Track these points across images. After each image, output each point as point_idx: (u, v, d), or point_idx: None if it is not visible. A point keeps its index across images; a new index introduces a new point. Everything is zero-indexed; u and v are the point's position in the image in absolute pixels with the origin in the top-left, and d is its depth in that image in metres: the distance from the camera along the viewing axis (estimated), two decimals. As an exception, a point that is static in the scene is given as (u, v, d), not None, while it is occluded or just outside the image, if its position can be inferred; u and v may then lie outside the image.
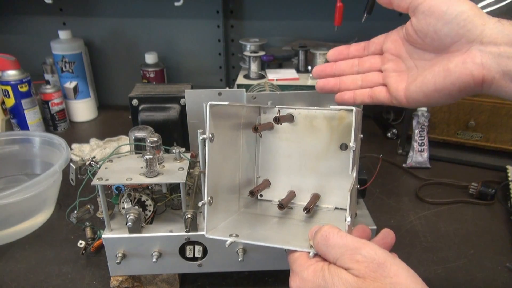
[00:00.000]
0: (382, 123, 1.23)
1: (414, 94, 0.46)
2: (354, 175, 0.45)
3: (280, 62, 1.21)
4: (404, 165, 1.02)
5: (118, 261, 0.60)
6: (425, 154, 1.01)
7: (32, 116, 1.15)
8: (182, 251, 0.61)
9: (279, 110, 0.56)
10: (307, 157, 0.57)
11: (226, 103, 0.46)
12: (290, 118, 0.56)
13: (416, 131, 1.02)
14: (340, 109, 0.52)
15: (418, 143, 1.02)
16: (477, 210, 0.86)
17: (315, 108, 0.55)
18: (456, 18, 0.41)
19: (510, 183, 0.89)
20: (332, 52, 0.54)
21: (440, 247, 0.75)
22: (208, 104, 0.45)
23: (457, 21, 0.41)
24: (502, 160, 1.01)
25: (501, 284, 0.67)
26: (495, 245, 0.76)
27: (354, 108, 0.44)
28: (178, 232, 0.60)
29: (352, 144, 0.43)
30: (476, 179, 0.91)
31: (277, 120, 0.54)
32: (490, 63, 0.40)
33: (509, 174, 0.92)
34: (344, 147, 0.55)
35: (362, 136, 0.53)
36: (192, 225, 0.58)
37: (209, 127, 0.46)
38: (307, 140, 0.57)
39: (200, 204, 0.46)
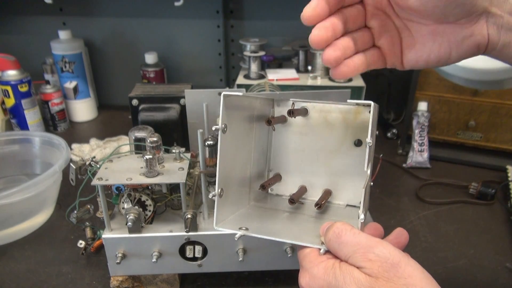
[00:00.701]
0: (382, 123, 1.23)
1: (413, 62, 0.43)
2: (369, 172, 0.44)
3: (280, 62, 1.21)
4: (404, 165, 1.02)
5: (118, 261, 0.60)
6: (425, 154, 1.01)
7: (32, 116, 1.15)
8: (182, 251, 0.61)
9: (293, 103, 0.55)
10: (320, 152, 0.56)
11: (240, 93, 0.45)
12: (304, 112, 0.55)
13: (416, 131, 1.02)
14: (357, 103, 0.49)
15: (418, 143, 1.02)
16: (477, 210, 0.86)
17: (330, 102, 0.54)
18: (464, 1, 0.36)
19: (510, 183, 0.89)
20: (310, 14, 0.39)
21: (440, 247, 0.75)
22: (222, 94, 0.44)
23: (467, 2, 0.37)
24: (502, 160, 1.01)
25: (501, 284, 0.67)
26: (495, 245, 0.76)
27: (372, 103, 0.43)
28: (178, 232, 0.60)
29: (369, 139, 0.42)
30: (476, 179, 0.91)
31: (291, 113, 0.52)
32: (495, 34, 0.38)
33: (509, 174, 0.92)
34: (358, 143, 0.54)
35: (377, 132, 0.51)
36: (192, 225, 0.58)
37: (222, 118, 0.45)
38: (320, 135, 0.55)
39: (210, 196, 0.46)
